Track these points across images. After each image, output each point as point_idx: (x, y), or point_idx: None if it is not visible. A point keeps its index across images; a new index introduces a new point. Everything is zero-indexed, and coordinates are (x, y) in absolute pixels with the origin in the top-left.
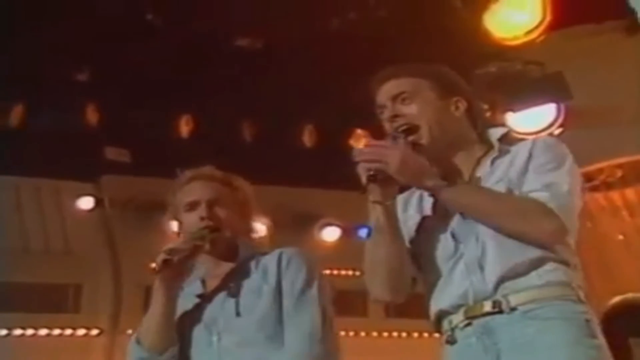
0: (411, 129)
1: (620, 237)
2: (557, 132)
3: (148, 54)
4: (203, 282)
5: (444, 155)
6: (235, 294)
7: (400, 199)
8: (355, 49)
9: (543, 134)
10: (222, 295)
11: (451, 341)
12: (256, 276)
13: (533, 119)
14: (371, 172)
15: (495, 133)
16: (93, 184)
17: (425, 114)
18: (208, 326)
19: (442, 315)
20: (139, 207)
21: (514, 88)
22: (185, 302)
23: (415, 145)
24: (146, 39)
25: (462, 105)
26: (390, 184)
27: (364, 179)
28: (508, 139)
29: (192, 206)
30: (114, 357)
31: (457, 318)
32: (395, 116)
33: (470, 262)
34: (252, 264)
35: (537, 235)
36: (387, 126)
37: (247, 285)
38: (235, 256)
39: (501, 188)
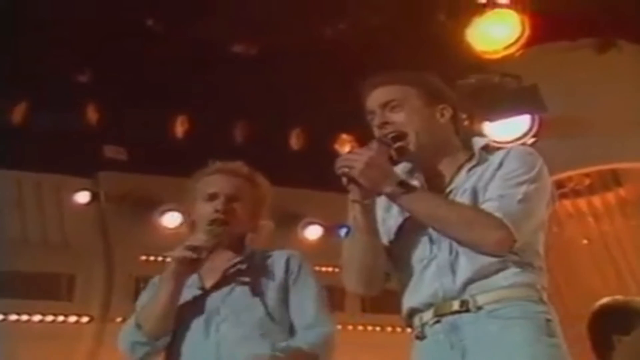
0: (399, 136)
1: (585, 241)
2: (530, 141)
3: (147, 58)
4: (204, 274)
5: (429, 160)
6: (242, 281)
7: (384, 199)
8: (345, 58)
9: (517, 143)
10: (225, 287)
11: (421, 337)
12: (261, 272)
13: (508, 129)
14: (342, 174)
15: (479, 142)
16: (91, 180)
17: (413, 122)
18: (208, 317)
19: (413, 312)
20: (133, 203)
21: (492, 99)
22: (187, 293)
23: (403, 151)
24: (146, 43)
25: (448, 112)
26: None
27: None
28: (490, 149)
29: (211, 197)
30: (103, 344)
31: (427, 315)
32: (384, 123)
33: (442, 264)
34: (257, 260)
35: (481, 244)
36: (377, 132)
37: (252, 278)
38: (236, 251)
39: (465, 198)
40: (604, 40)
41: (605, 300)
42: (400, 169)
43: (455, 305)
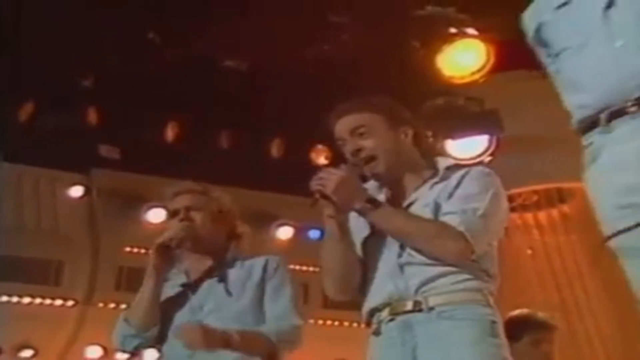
0: (370, 159)
1: (529, 251)
2: (487, 159)
3: (146, 68)
4: (187, 273)
5: (396, 177)
6: (223, 279)
7: None
8: (326, 76)
9: (476, 160)
10: (208, 283)
11: (377, 333)
12: (241, 272)
13: (469, 147)
14: (316, 191)
15: (444, 161)
16: (84, 176)
17: (381, 146)
18: (192, 312)
19: (373, 312)
20: (122, 199)
21: (456, 119)
22: (171, 290)
23: (374, 172)
24: (146, 54)
25: (410, 133)
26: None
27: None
28: (453, 169)
29: (175, 213)
30: (85, 326)
31: (384, 314)
32: (357, 150)
33: (400, 268)
34: (237, 263)
35: (443, 256)
36: (350, 158)
37: (232, 278)
38: (216, 256)
39: (427, 212)
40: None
41: (515, 312)
42: (370, 184)
43: (409, 306)
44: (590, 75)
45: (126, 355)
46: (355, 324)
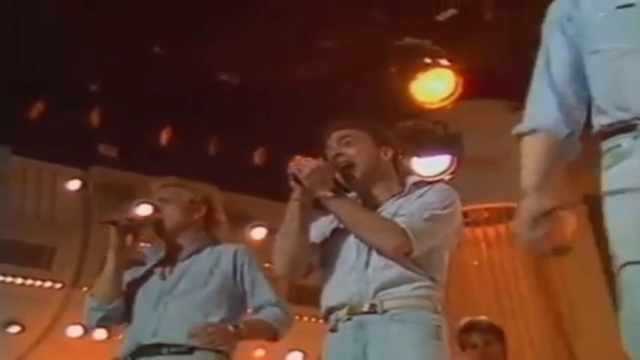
0: (349, 165)
1: (475, 263)
2: (448, 177)
3: (148, 76)
4: (160, 259)
5: (369, 189)
6: (187, 270)
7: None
8: (309, 94)
9: (437, 177)
10: (177, 268)
11: (333, 330)
12: (209, 260)
13: (432, 165)
14: (292, 174)
15: (412, 179)
16: (83, 171)
17: (361, 156)
18: (159, 295)
19: (331, 310)
20: (115, 194)
21: (423, 140)
22: (143, 273)
23: (349, 177)
24: (150, 64)
25: (390, 153)
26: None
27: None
28: (419, 185)
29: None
30: (69, 307)
31: (342, 313)
32: (338, 155)
33: (361, 273)
34: (207, 250)
35: (383, 248)
36: (331, 161)
37: (199, 265)
38: (188, 243)
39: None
40: (516, 103)
41: (467, 318)
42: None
43: (366, 307)
44: (636, 80)
45: (104, 335)
46: (313, 319)
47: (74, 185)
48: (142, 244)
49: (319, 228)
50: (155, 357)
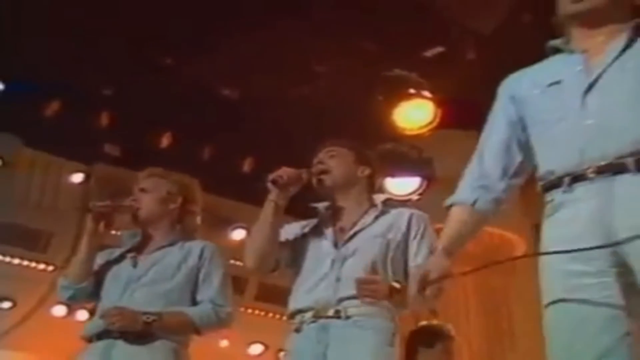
0: (324, 172)
1: None
2: (416, 198)
3: (155, 86)
4: (135, 248)
5: (339, 196)
6: (157, 262)
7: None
8: (301, 112)
9: (407, 197)
10: (149, 258)
11: (298, 330)
12: (179, 254)
13: (403, 185)
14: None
15: (379, 197)
16: (87, 166)
17: (338, 167)
18: (128, 283)
19: (297, 312)
20: (113, 189)
21: (398, 162)
22: (116, 259)
23: (321, 183)
24: (158, 75)
25: (367, 171)
26: (285, 192)
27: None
28: (389, 202)
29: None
30: (55, 290)
31: (308, 315)
32: (319, 162)
33: (332, 281)
34: (179, 244)
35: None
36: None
37: (170, 258)
38: (162, 235)
39: (377, 243)
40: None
41: (425, 322)
42: (320, 205)
43: (331, 312)
44: (562, 145)
45: (86, 316)
46: (277, 316)
47: (77, 178)
48: (118, 232)
49: (291, 229)
50: (118, 341)
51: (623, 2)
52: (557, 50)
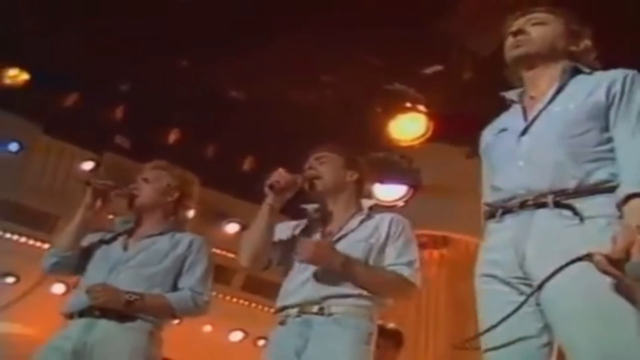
0: (316, 177)
1: None
2: (401, 204)
3: (170, 85)
4: (128, 232)
5: (329, 200)
6: (146, 248)
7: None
8: (302, 117)
9: (394, 202)
10: (140, 243)
11: (282, 323)
12: (169, 243)
13: (391, 191)
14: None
15: (366, 202)
16: (99, 155)
17: (328, 173)
18: (115, 264)
19: (284, 308)
20: (119, 177)
21: (388, 169)
22: (108, 239)
23: (313, 187)
24: (173, 75)
25: (355, 176)
26: (281, 196)
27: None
28: (375, 208)
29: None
30: None
31: (293, 311)
32: (310, 168)
33: (315, 281)
34: (170, 233)
35: (398, 298)
36: (304, 173)
37: (159, 245)
38: (157, 223)
39: (360, 247)
40: (471, 150)
41: (391, 324)
42: (310, 206)
43: (315, 309)
44: (500, 182)
45: None
46: (260, 306)
47: (87, 165)
48: (113, 216)
49: (283, 229)
50: (101, 320)
51: (558, 49)
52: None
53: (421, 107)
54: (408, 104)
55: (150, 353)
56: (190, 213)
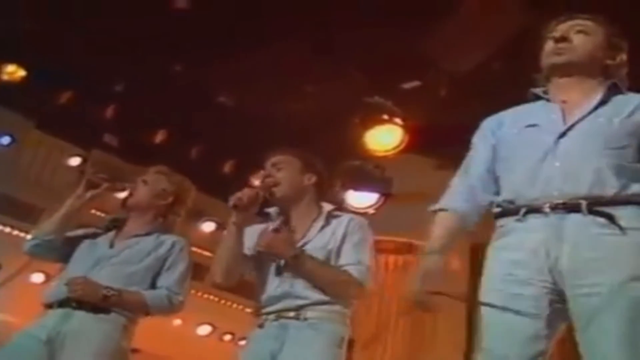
0: (274, 184)
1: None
2: (372, 211)
3: (161, 88)
4: (117, 228)
5: (289, 206)
6: (131, 246)
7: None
8: (285, 124)
9: (366, 209)
10: (127, 241)
11: (261, 326)
12: (153, 243)
13: (363, 199)
14: (232, 204)
15: (327, 206)
16: (87, 152)
17: (285, 179)
18: (99, 259)
19: (262, 313)
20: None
21: (362, 178)
22: (94, 236)
23: (272, 194)
24: (165, 79)
25: (313, 179)
26: (246, 213)
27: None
28: (334, 212)
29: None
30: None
31: (271, 316)
32: (267, 176)
33: (289, 287)
34: (155, 235)
35: (343, 297)
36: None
37: (143, 245)
38: (145, 223)
39: (320, 255)
40: (440, 162)
41: None
42: (272, 210)
43: (291, 314)
44: (525, 179)
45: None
46: (228, 303)
47: (75, 161)
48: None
49: (250, 238)
50: (78, 312)
51: (596, 60)
52: (537, 97)
53: (398, 120)
54: (385, 116)
55: (120, 345)
56: (179, 219)
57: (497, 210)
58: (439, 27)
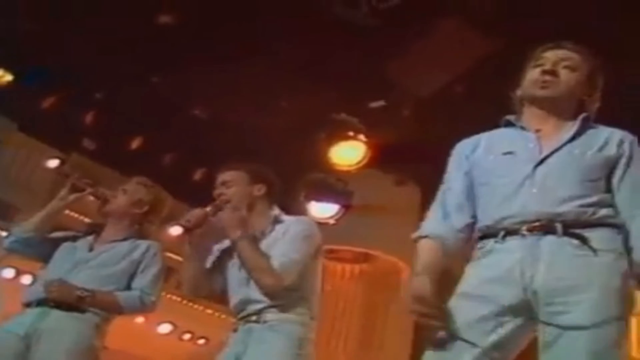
0: (226, 202)
1: (329, 288)
2: (332, 222)
3: (141, 97)
4: (96, 234)
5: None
6: (108, 250)
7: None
8: (253, 137)
9: (325, 220)
10: (103, 246)
11: (235, 331)
12: (128, 248)
13: (324, 209)
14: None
15: (274, 212)
16: (65, 154)
17: (236, 194)
18: (77, 263)
19: (236, 315)
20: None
21: (325, 190)
22: (74, 239)
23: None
24: (145, 89)
25: (263, 189)
26: (195, 232)
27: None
28: (279, 218)
29: None
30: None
31: (241, 321)
32: (220, 194)
33: (247, 295)
34: (131, 240)
35: (258, 284)
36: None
37: (119, 249)
38: (122, 230)
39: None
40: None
41: None
42: None
43: (254, 318)
44: (503, 204)
45: (29, 280)
46: (190, 303)
47: (53, 163)
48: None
49: (213, 255)
50: (55, 311)
51: (575, 95)
52: (509, 123)
53: (362, 137)
54: (351, 133)
55: (93, 343)
56: (153, 228)
57: (479, 234)
58: (405, 51)
